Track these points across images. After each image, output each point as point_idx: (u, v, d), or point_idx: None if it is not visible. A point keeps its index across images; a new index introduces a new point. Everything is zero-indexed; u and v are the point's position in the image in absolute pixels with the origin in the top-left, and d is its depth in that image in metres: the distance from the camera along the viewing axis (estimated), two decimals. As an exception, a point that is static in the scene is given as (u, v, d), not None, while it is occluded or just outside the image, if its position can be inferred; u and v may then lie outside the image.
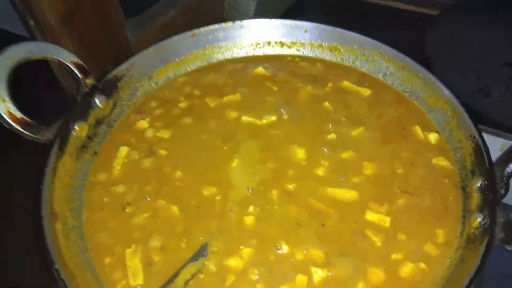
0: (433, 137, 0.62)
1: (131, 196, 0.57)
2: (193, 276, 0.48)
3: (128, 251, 0.51)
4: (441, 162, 0.59)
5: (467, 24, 0.97)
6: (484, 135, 0.68)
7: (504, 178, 0.50)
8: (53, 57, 0.63)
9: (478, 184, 0.52)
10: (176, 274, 0.47)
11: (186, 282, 0.47)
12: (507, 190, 0.50)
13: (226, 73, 0.75)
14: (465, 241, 0.50)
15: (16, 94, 0.57)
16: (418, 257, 0.50)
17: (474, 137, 0.56)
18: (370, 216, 0.53)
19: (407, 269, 0.49)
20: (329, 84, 0.71)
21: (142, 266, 0.50)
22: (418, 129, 0.63)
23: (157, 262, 0.50)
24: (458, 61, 0.89)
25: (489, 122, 0.73)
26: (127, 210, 0.56)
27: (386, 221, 0.53)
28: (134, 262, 0.50)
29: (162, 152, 0.62)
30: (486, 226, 0.47)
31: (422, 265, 0.49)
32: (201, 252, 0.50)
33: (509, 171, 0.51)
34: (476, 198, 0.52)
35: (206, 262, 0.49)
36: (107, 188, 0.58)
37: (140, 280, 0.49)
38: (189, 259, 0.49)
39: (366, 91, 0.69)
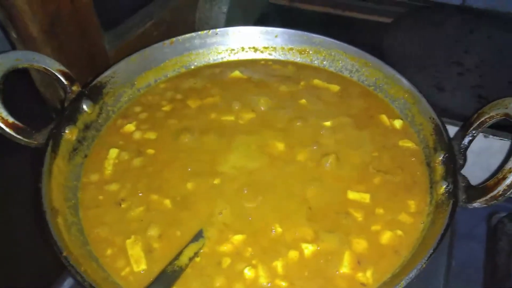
0: (397, 123, 0.69)
1: (125, 192, 0.60)
2: (195, 254, 0.51)
3: (128, 241, 0.54)
4: (407, 143, 0.66)
5: (418, 29, 1.08)
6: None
7: (461, 150, 0.58)
8: (39, 65, 0.65)
9: (440, 158, 0.59)
10: (180, 253, 0.50)
11: (190, 259, 0.50)
12: (465, 160, 0.58)
13: (205, 77, 0.79)
14: (434, 208, 0.56)
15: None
16: (395, 226, 0.56)
17: (433, 118, 0.63)
18: (352, 195, 0.59)
19: (386, 237, 0.55)
20: (302, 83, 0.77)
21: (144, 253, 0.53)
22: (384, 117, 0.70)
23: (157, 248, 0.53)
24: (413, 62, 0.98)
25: (445, 113, 0.82)
26: (122, 205, 0.58)
27: (366, 197, 0.59)
28: (135, 250, 0.53)
29: (150, 151, 0.66)
30: (451, 191, 0.54)
31: (399, 232, 0.55)
32: (199, 235, 0.53)
33: (466, 143, 0.58)
34: (440, 170, 0.59)
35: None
36: (100, 187, 0.61)
37: (143, 266, 0.51)
38: (190, 240, 0.52)
39: (335, 87, 0.76)
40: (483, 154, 0.78)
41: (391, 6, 1.16)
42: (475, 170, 0.78)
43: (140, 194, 0.59)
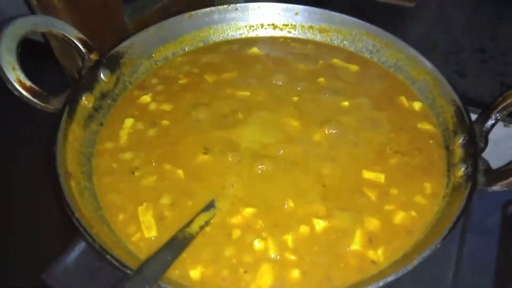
0: (417, 105, 0.67)
1: (139, 161, 0.60)
2: (206, 223, 0.51)
3: (140, 208, 0.54)
4: (425, 126, 0.64)
5: (442, 14, 1.04)
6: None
7: (483, 133, 0.56)
8: (58, 31, 0.65)
9: (460, 141, 0.58)
10: (191, 221, 0.50)
11: (201, 227, 0.50)
12: (486, 143, 0.56)
13: (222, 53, 0.79)
14: (451, 190, 0.55)
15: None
16: (409, 206, 0.55)
17: (455, 101, 0.61)
18: (367, 174, 0.58)
19: (399, 217, 0.54)
20: (320, 62, 0.76)
21: (155, 221, 0.53)
22: (403, 99, 0.68)
23: (168, 216, 0.53)
24: (435, 47, 0.95)
25: (466, 100, 0.80)
26: (136, 174, 0.58)
27: (381, 177, 0.58)
28: (147, 217, 0.53)
29: (165, 122, 0.65)
30: (470, 173, 0.53)
31: (413, 213, 0.54)
32: (211, 205, 0.53)
33: (488, 126, 0.56)
34: (459, 153, 0.57)
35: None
36: (115, 155, 0.61)
37: (154, 233, 0.52)
38: (201, 210, 0.52)
39: (354, 67, 0.75)
40: (501, 143, 0.76)
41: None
42: (493, 159, 0.76)
43: (153, 164, 0.59)
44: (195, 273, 0.48)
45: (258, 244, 0.50)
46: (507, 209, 0.72)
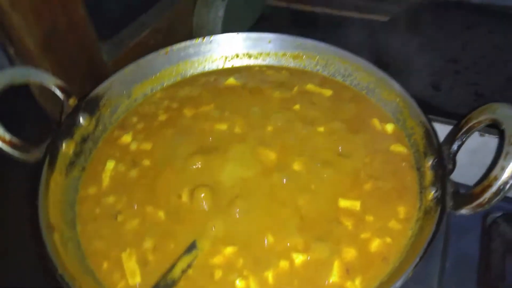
0: (389, 127, 0.69)
1: (121, 205, 0.61)
2: (188, 265, 0.53)
3: (124, 254, 0.55)
4: (398, 148, 0.66)
5: (414, 27, 1.07)
6: (437, 124, 0.76)
7: (451, 155, 0.58)
8: (35, 81, 0.67)
9: (430, 163, 0.60)
10: (173, 266, 0.52)
11: (183, 271, 0.52)
12: (454, 165, 0.58)
13: (200, 85, 0.81)
14: (423, 214, 0.57)
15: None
16: (384, 233, 0.56)
17: (423, 122, 0.63)
18: (343, 203, 0.60)
19: (375, 245, 0.55)
20: (295, 88, 0.78)
21: (139, 266, 0.54)
22: (376, 122, 0.70)
23: (152, 261, 0.55)
24: (409, 60, 0.98)
25: (441, 113, 0.82)
26: (118, 218, 0.60)
27: (357, 205, 0.59)
28: (130, 263, 0.54)
29: (146, 162, 0.67)
30: (439, 197, 0.54)
31: (388, 239, 0.56)
32: (192, 247, 0.55)
33: (455, 148, 0.58)
34: (429, 175, 0.59)
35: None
36: (97, 200, 0.62)
37: (138, 279, 0.53)
38: (183, 252, 0.54)
39: (328, 92, 0.77)
40: (479, 152, 0.78)
41: (389, 5, 1.15)
42: (472, 168, 0.78)
43: (135, 207, 0.61)
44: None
45: (239, 284, 0.51)
46: (486, 219, 0.74)
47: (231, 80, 0.81)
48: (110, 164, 0.67)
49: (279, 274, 0.52)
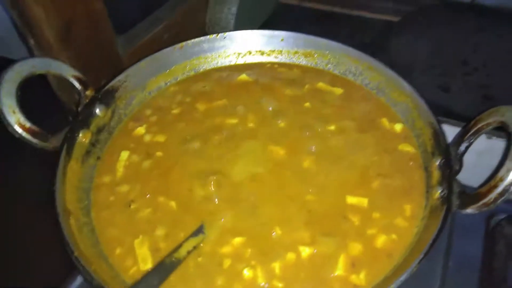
0: (398, 127, 0.70)
1: (134, 194, 0.63)
2: (194, 248, 0.55)
3: (136, 241, 0.57)
4: (406, 147, 0.67)
5: (425, 28, 1.08)
6: (446, 125, 0.77)
7: (458, 155, 0.59)
8: (55, 72, 0.69)
9: (437, 163, 0.61)
10: (179, 246, 0.54)
11: (189, 252, 0.54)
12: (461, 166, 0.59)
13: (213, 81, 0.82)
14: (428, 212, 0.58)
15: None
16: (390, 230, 0.58)
17: (432, 123, 0.64)
18: (351, 199, 0.61)
19: (381, 241, 0.56)
20: (306, 86, 0.79)
21: (150, 253, 0.56)
22: (385, 121, 0.71)
23: (162, 248, 0.57)
24: (419, 61, 0.99)
25: (450, 114, 0.83)
26: (132, 206, 0.62)
27: (364, 202, 0.60)
28: (142, 250, 0.56)
29: (159, 154, 0.69)
30: (445, 196, 0.56)
31: (394, 236, 0.57)
32: (199, 231, 0.57)
33: (462, 149, 0.59)
34: (436, 175, 0.60)
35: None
36: (112, 188, 0.64)
37: (149, 264, 0.55)
38: (190, 235, 0.56)
39: (338, 90, 0.78)
40: (486, 154, 0.79)
41: (400, 5, 1.16)
42: (479, 170, 0.79)
43: (148, 196, 0.63)
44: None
45: (247, 273, 0.53)
46: (490, 221, 0.75)
47: (244, 76, 0.82)
48: (125, 154, 0.69)
49: (286, 265, 0.54)
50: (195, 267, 0.54)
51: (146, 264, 0.55)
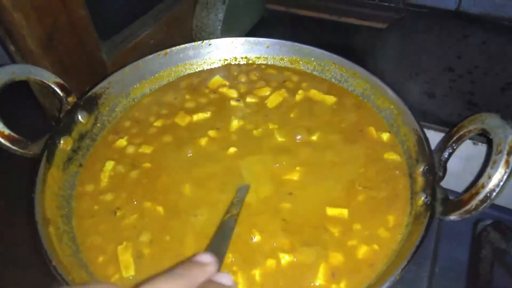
0: (385, 136, 0.70)
1: (120, 202, 0.63)
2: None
3: (120, 247, 0.56)
4: (392, 156, 0.67)
5: (411, 35, 1.09)
6: (430, 131, 0.78)
7: (442, 162, 0.59)
8: (35, 78, 0.68)
9: (421, 169, 0.61)
10: (230, 205, 0.56)
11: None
12: (444, 172, 0.59)
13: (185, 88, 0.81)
14: (413, 219, 0.58)
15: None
16: (372, 240, 0.57)
17: (416, 130, 0.64)
18: (330, 211, 0.60)
19: (362, 251, 0.56)
20: (298, 93, 0.79)
21: (133, 259, 0.55)
22: (372, 130, 0.71)
23: (147, 254, 0.56)
24: (405, 68, 0.99)
25: (435, 120, 0.83)
26: (117, 214, 0.61)
27: (344, 213, 0.60)
28: (125, 256, 0.55)
29: (147, 165, 0.68)
30: (428, 203, 0.56)
31: (376, 247, 0.56)
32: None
33: (446, 156, 0.59)
34: (420, 181, 0.60)
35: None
36: (95, 197, 0.63)
37: (132, 272, 0.54)
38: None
39: (331, 99, 0.78)
40: (472, 160, 0.79)
41: (387, 12, 1.17)
42: (466, 176, 0.80)
43: (134, 203, 0.62)
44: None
45: None
46: (476, 227, 0.75)
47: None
48: (109, 165, 0.68)
49: (266, 273, 0.53)
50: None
51: (128, 271, 0.54)
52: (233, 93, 0.79)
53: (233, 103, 0.77)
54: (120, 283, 0.53)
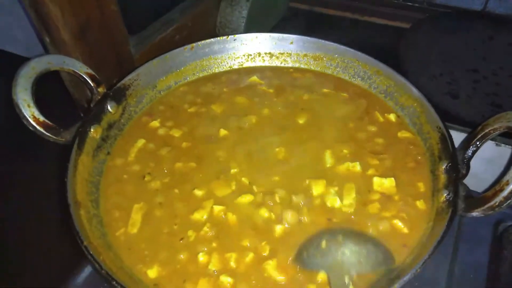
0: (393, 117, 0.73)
1: (149, 169, 0.67)
2: None
3: (136, 206, 0.62)
4: (404, 134, 0.70)
5: (436, 35, 1.08)
6: (453, 132, 0.77)
7: (465, 160, 0.59)
8: (69, 68, 0.70)
9: (444, 167, 0.61)
10: None
11: None
12: (467, 170, 0.59)
13: (222, 83, 0.83)
14: (435, 214, 0.58)
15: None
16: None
17: (439, 128, 0.65)
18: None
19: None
20: (316, 90, 0.80)
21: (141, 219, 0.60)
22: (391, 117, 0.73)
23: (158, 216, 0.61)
24: (428, 68, 0.99)
25: (458, 121, 0.83)
26: (146, 178, 0.66)
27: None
28: (137, 215, 0.60)
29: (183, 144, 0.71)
30: (451, 199, 0.56)
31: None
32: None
33: (469, 154, 0.59)
34: (442, 178, 0.61)
35: None
36: (124, 168, 0.68)
37: (135, 230, 0.59)
38: None
39: (345, 95, 0.79)
40: (495, 161, 0.79)
41: (411, 12, 1.17)
42: (488, 177, 0.79)
43: (165, 170, 0.67)
44: (152, 272, 0.55)
45: (201, 258, 0.56)
46: (498, 227, 0.75)
47: (254, 78, 0.83)
48: (140, 142, 0.71)
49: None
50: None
51: (133, 229, 0.59)
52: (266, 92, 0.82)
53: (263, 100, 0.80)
54: (123, 237, 0.58)
